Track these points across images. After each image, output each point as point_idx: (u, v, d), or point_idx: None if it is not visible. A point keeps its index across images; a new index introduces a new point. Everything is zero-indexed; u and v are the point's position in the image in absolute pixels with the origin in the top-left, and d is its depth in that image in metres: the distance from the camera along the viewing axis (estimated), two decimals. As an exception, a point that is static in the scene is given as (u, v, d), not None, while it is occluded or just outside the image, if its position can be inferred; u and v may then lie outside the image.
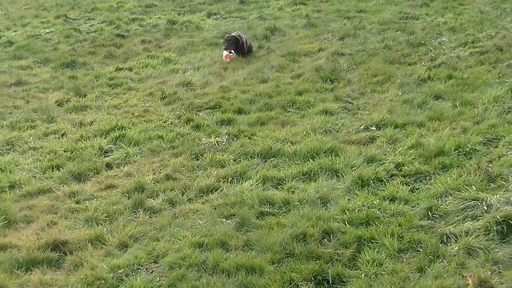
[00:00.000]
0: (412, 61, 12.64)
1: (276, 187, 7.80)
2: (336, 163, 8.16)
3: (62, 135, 10.11)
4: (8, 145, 9.73)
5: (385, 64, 12.44)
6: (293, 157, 8.50)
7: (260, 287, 5.80)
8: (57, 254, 6.72)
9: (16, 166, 8.98)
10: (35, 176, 8.68)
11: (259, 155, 8.73)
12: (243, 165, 8.43)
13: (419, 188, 7.52)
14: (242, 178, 8.14)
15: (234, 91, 11.63)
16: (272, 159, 8.57)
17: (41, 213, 7.64)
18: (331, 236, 6.53)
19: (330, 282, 5.88)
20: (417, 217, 6.83)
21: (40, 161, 9.15)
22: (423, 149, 8.34)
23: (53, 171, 8.79)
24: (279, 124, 9.84)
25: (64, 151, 9.41)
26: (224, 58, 13.84)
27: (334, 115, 10.01)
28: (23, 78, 13.24)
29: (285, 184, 7.81)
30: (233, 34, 14.11)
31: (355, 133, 9.21)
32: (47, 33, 17.76)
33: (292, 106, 10.61)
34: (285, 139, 9.08)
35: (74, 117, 10.91)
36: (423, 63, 12.35)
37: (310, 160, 8.32)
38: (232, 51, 13.90)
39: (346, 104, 10.57)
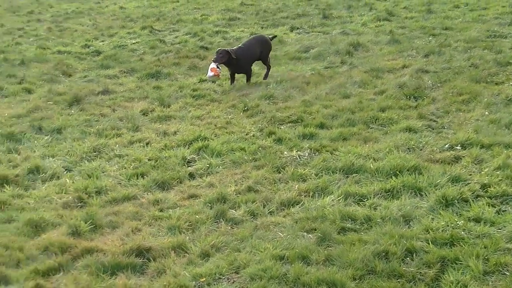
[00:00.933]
0: (500, 80, 12.46)
1: (358, 203, 7.80)
2: (419, 182, 8.10)
3: (147, 143, 10.31)
4: (95, 152, 9.97)
5: (471, 83, 12.29)
6: (375, 174, 8.48)
7: (339, 303, 5.81)
8: (141, 260, 6.85)
9: (103, 172, 9.20)
10: (120, 183, 8.88)
11: (341, 170, 8.74)
12: (324, 180, 8.44)
13: (505, 210, 7.39)
14: (324, 193, 8.16)
15: (316, 106, 11.66)
16: (354, 175, 8.56)
17: (126, 219, 7.80)
18: (414, 255, 6.47)
19: (413, 301, 5.86)
20: (504, 239, 6.71)
21: (125, 168, 9.35)
22: (511, 171, 8.22)
23: (137, 178, 8.98)
24: (361, 140, 9.83)
25: (148, 160, 9.60)
26: (209, 72, 13.51)
27: (417, 133, 9.95)
28: (110, 87, 13.56)
29: (367, 200, 7.81)
30: (226, 48, 13.55)
31: (439, 152, 9.13)
32: (133, 43, 18.16)
33: (375, 122, 10.59)
34: (368, 156, 9.07)
35: (158, 126, 11.12)
36: (511, 83, 12.16)
37: (393, 177, 8.29)
38: (219, 67, 13.47)
39: (430, 122, 10.48)
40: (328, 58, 15.35)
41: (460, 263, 6.31)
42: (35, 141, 10.62)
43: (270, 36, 14.44)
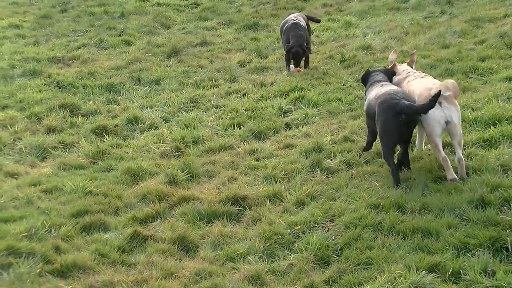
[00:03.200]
0: None
1: (454, 153, 7.64)
2: (519, 131, 7.88)
3: (244, 94, 10.36)
4: (192, 103, 10.08)
5: None
6: (473, 124, 8.29)
7: (436, 251, 5.72)
8: (236, 208, 6.94)
9: (200, 122, 9.31)
10: (217, 133, 8.96)
11: (439, 120, 8.56)
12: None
13: None
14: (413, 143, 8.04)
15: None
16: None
17: (222, 168, 7.89)
18: (511, 204, 6.33)
19: (510, 250, 5.72)
20: None
21: (222, 118, 9.43)
22: None
23: (234, 129, 9.05)
24: (460, 90, 9.60)
25: (245, 110, 9.65)
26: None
27: (518, 82, 9.65)
28: (208, 39, 13.63)
29: (464, 150, 7.63)
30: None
31: (541, 101, 8.85)
32: (235, -5, 18.13)
33: (474, 72, 10.31)
34: (466, 105, 8.85)
35: (255, 77, 11.14)
36: None
37: (492, 127, 8.08)
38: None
39: (531, 71, 10.16)
40: (428, 8, 15.00)
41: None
42: (134, 92, 10.81)
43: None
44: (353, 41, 12.79)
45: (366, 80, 7.95)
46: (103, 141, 8.80)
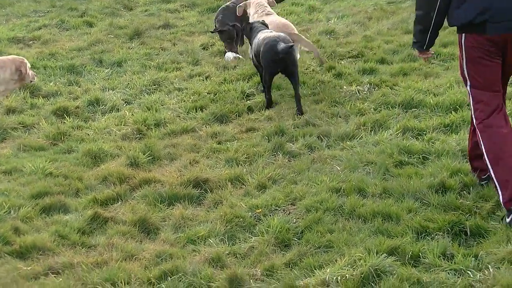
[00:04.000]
0: None
1: (416, 138, 7.70)
2: (479, 117, 7.95)
3: (206, 77, 10.32)
4: (154, 85, 10.04)
5: None
6: (435, 109, 8.36)
7: (396, 234, 5.77)
8: (198, 191, 6.92)
9: (162, 105, 9.26)
10: (179, 116, 8.93)
11: (400, 105, 8.63)
12: (383, 115, 8.36)
13: None
14: (382, 127, 8.09)
15: (377, 41, 11.48)
16: (414, 109, 8.45)
17: (184, 151, 7.87)
18: (471, 189, 6.40)
19: (468, 234, 5.79)
20: None
21: (184, 101, 9.40)
22: None
23: (196, 111, 9.02)
24: (422, 76, 9.67)
25: (207, 93, 9.62)
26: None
27: (479, 68, 9.73)
28: (171, 21, 13.54)
29: (425, 135, 7.70)
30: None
31: (501, 87, 8.93)
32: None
33: (436, 58, 10.37)
34: (428, 91, 8.93)
35: (218, 60, 11.10)
36: None
37: (453, 112, 8.16)
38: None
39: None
40: (391, -7, 15.06)
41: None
42: (96, 74, 10.72)
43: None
44: (316, 25, 12.79)
45: (251, 32, 9.36)
46: (64, 122, 8.72)
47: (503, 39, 5.84)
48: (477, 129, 6.03)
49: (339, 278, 5.21)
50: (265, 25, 9.47)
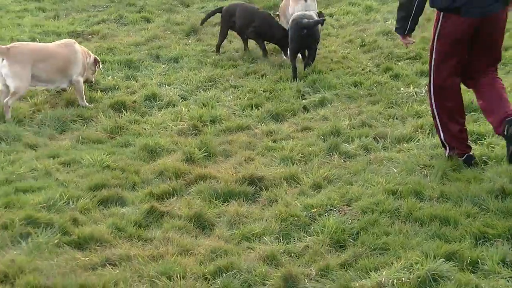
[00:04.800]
0: None
1: (475, 142, 7.62)
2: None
3: (262, 75, 10.34)
4: (210, 82, 10.08)
5: None
6: (494, 114, 8.25)
7: (454, 239, 5.70)
8: (253, 188, 6.92)
9: (218, 102, 9.30)
10: (234, 113, 8.97)
11: (460, 108, 8.55)
12: (441, 118, 8.28)
13: None
14: (440, 130, 8.02)
15: (435, 43, 11.37)
16: (473, 113, 8.35)
17: (239, 148, 7.89)
18: (532, 196, 6.30)
19: (528, 241, 5.71)
20: None
21: (240, 99, 9.43)
22: None
23: (252, 109, 9.05)
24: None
25: (263, 91, 9.64)
26: None
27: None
28: (227, 19, 13.56)
29: (484, 139, 7.61)
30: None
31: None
32: (251, -24, 18.05)
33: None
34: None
35: (274, 59, 11.13)
36: None
37: (512, 117, 8.04)
38: None
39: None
40: (450, -5, 14.92)
41: None
42: (152, 69, 10.80)
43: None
44: (373, 25, 12.72)
45: None
46: (121, 116, 8.81)
47: (476, 22, 6.67)
48: (431, 91, 7.08)
49: (395, 281, 5.17)
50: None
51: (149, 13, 14.00)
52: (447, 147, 7.12)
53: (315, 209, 6.39)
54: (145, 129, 8.49)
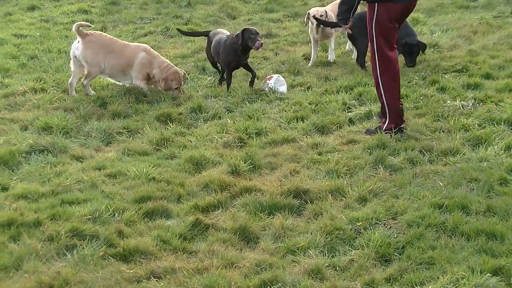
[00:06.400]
0: None
1: (518, 153, 7.55)
2: None
3: (308, 88, 10.35)
4: (256, 94, 10.08)
5: None
6: (542, 126, 8.17)
7: (501, 254, 5.65)
8: (298, 201, 6.91)
9: (263, 114, 9.30)
10: (280, 125, 8.96)
11: (506, 122, 8.50)
12: (487, 131, 8.22)
13: None
14: (486, 144, 7.94)
15: (482, 56, 11.32)
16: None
17: (284, 161, 7.88)
18: None
19: None
20: None
21: (285, 111, 9.43)
22: None
23: (297, 122, 9.04)
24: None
25: (309, 104, 9.63)
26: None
27: None
28: (273, 31, 13.66)
29: (534, 152, 7.54)
30: None
31: None
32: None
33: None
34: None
35: (320, 71, 11.11)
36: None
37: None
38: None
39: None
40: (498, 7, 14.82)
41: None
42: (198, 81, 10.86)
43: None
44: (420, 38, 12.62)
45: None
46: (167, 128, 8.85)
47: (406, 7, 8.32)
48: (378, 71, 8.40)
49: (441, 296, 5.14)
50: None
51: (196, 25, 14.11)
52: (388, 117, 8.44)
53: (361, 223, 6.37)
54: (190, 141, 8.52)
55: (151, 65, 10.00)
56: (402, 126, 8.49)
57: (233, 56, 10.19)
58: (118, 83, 10.35)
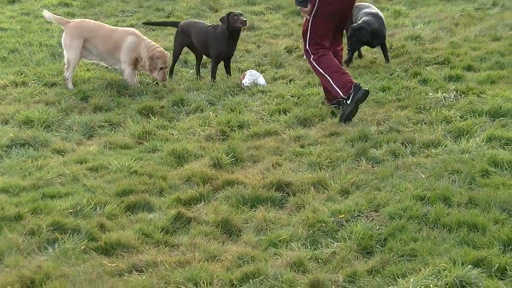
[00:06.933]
0: None
1: (503, 147, 7.57)
2: None
3: (290, 80, 10.34)
4: (238, 87, 10.05)
5: None
6: (527, 122, 8.19)
7: (482, 246, 5.66)
8: (280, 194, 6.90)
9: (245, 107, 9.29)
10: (262, 118, 8.95)
11: (487, 113, 8.51)
12: (469, 123, 8.24)
13: None
14: (468, 136, 7.97)
15: (464, 48, 11.36)
16: (501, 118, 8.32)
17: (267, 153, 7.87)
18: (562, 202, 6.24)
19: (558, 248, 5.65)
20: None
21: (268, 104, 9.41)
22: None
23: (279, 114, 9.02)
24: (510, 84, 9.51)
25: (291, 96, 9.62)
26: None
27: None
28: (255, 24, 13.61)
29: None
30: None
31: None
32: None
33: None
34: (515, 100, 8.76)
35: (302, 64, 11.10)
36: None
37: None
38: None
39: None
40: (479, -1, 14.87)
41: None
42: (180, 74, 10.82)
43: None
44: (401, 30, 12.71)
45: None
46: (149, 122, 8.82)
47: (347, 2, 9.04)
48: (314, 63, 9.00)
49: (422, 287, 5.14)
50: None
51: (178, 18, 14.03)
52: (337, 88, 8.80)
53: (343, 215, 6.37)
54: (172, 134, 8.50)
55: (139, 47, 9.98)
56: (355, 82, 8.76)
57: (224, 46, 10.23)
58: (110, 67, 10.44)
